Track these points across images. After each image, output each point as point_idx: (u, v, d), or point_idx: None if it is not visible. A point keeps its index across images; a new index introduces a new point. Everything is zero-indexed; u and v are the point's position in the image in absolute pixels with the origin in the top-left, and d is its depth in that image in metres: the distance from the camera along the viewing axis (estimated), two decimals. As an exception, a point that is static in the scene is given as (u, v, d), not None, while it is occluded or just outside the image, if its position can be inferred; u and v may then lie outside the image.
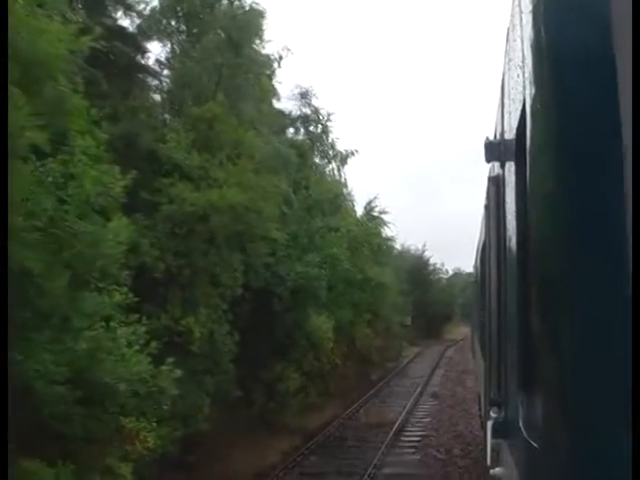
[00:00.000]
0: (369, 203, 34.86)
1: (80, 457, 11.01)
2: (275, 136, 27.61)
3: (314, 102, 35.43)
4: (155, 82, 23.41)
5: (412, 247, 65.43)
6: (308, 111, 35.10)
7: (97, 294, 10.83)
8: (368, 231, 31.36)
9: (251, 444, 19.13)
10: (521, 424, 2.42)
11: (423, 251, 68.17)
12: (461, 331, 66.55)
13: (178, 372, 12.31)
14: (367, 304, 30.51)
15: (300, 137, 33.91)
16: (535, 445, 2.06)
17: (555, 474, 1.82)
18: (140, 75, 22.47)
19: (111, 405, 11.03)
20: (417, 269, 63.71)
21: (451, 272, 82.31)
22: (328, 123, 36.62)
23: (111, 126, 17.09)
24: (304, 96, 34.49)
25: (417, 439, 21.89)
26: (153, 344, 12.05)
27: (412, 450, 20.48)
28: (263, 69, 27.05)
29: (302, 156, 28.68)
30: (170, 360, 12.45)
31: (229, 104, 21.35)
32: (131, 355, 11.43)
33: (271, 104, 30.13)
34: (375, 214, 34.63)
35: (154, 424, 12.95)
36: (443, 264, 76.91)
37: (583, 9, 1.77)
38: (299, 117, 34.51)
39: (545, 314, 1.98)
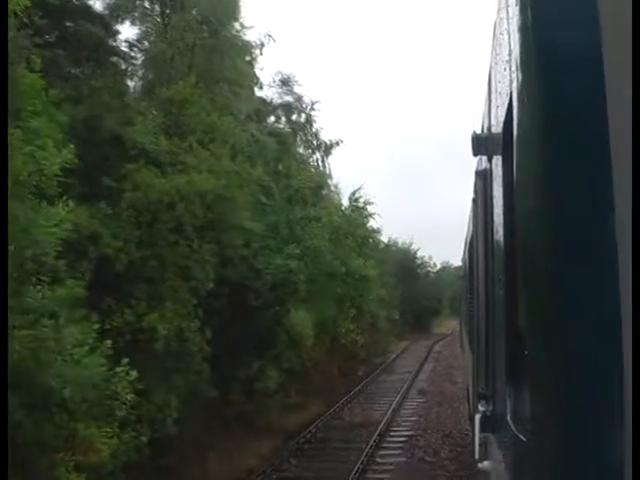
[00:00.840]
0: (353, 194, 33.89)
1: (25, 468, 9.93)
2: (255, 123, 26.62)
3: (297, 90, 34.51)
4: (126, 64, 22.41)
5: (399, 240, 64.82)
6: (290, 99, 34.11)
7: (40, 287, 9.66)
8: (352, 222, 30.39)
9: (228, 447, 18.29)
10: (509, 418, 2.41)
11: (410, 244, 67.55)
12: (450, 325, 66.16)
13: (133, 374, 11.13)
14: (351, 298, 29.60)
15: (282, 125, 32.86)
16: (523, 439, 2.05)
17: (543, 468, 1.80)
18: (112, 58, 21.49)
19: (58, 412, 9.86)
20: (404, 262, 62.97)
21: (439, 266, 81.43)
22: (312, 112, 35.75)
23: (73, 109, 16.10)
24: (286, 83, 33.48)
25: (404, 439, 20.99)
26: (108, 343, 10.90)
27: (398, 452, 19.59)
28: (241, 53, 26.11)
29: (283, 144, 27.64)
30: (125, 361, 11.27)
31: (203, 87, 20.35)
32: (82, 356, 10.27)
33: (252, 90, 29.21)
34: (360, 205, 33.61)
35: (115, 429, 11.96)
36: (431, 257, 76.07)
37: (571, 2, 1.76)
38: (280, 105, 33.49)
39: (533, 307, 1.97)
